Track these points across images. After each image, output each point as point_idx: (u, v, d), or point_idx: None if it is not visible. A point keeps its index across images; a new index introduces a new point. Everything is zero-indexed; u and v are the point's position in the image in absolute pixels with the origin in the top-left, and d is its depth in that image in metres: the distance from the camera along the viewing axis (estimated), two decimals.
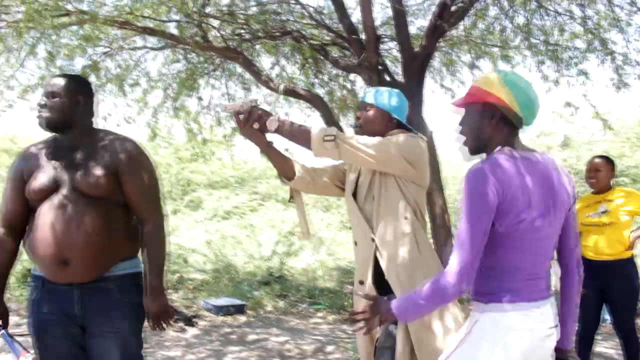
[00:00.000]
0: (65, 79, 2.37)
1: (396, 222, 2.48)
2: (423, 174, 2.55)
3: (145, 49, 6.58)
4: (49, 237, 2.21)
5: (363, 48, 4.65)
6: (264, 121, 2.38)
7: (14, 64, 6.14)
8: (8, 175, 2.40)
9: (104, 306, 2.26)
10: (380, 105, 2.60)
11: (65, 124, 2.32)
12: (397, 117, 2.59)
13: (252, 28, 6.07)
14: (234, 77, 7.25)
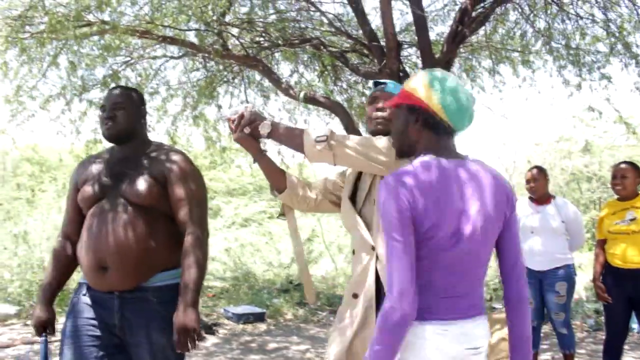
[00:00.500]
0: (128, 90, 2.45)
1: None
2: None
3: (165, 58, 6.61)
4: (90, 243, 2.24)
5: (384, 55, 4.62)
6: (256, 125, 2.22)
7: (36, 75, 6.20)
8: (69, 187, 2.45)
9: (143, 317, 2.23)
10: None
11: (129, 135, 2.38)
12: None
13: (271, 36, 6.08)
14: (253, 84, 7.26)
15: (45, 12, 4.84)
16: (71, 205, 2.39)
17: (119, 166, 2.35)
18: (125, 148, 2.40)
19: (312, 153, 2.16)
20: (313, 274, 8.90)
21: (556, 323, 4.38)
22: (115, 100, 2.35)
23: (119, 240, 2.21)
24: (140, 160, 2.35)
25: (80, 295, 2.31)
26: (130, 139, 2.38)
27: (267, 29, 5.98)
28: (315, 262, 9.29)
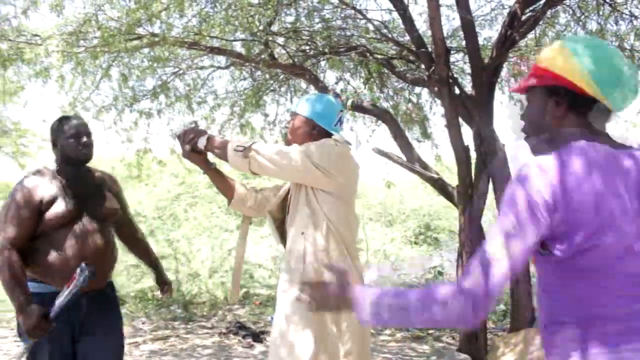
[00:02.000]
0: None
1: (296, 237, 2.49)
2: (339, 182, 2.47)
3: (212, 68, 6.71)
4: (83, 253, 2.59)
5: (432, 61, 4.56)
6: (195, 142, 2.46)
7: (90, 87, 6.38)
8: (18, 203, 2.62)
9: (105, 306, 2.76)
10: (302, 112, 2.61)
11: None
12: (319, 124, 2.57)
13: (317, 44, 6.09)
14: (299, 92, 7.29)
15: (98, 26, 4.98)
16: (28, 224, 2.58)
17: (80, 187, 2.73)
18: (79, 169, 2.78)
19: (232, 161, 2.41)
20: None
21: None
22: (87, 130, 2.76)
23: (106, 251, 2.72)
24: (96, 181, 2.84)
25: (47, 304, 2.53)
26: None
27: (313, 38, 5.99)
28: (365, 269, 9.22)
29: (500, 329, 6.30)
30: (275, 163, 2.39)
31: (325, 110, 2.60)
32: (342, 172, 2.48)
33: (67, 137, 2.69)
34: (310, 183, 2.46)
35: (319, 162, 2.40)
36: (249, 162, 2.38)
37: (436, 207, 13.22)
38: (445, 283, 1.42)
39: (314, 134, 2.57)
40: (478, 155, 4.78)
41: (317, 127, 2.58)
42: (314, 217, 2.45)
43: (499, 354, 4.51)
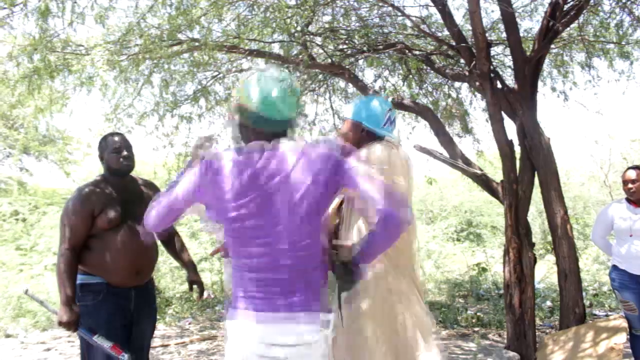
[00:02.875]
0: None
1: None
2: (394, 185, 2.41)
3: (251, 71, 6.75)
4: (131, 255, 3.02)
5: (472, 55, 4.51)
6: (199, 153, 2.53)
7: (132, 93, 6.51)
8: (75, 210, 3.03)
9: (148, 300, 3.20)
10: (350, 116, 2.65)
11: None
12: (367, 126, 2.58)
13: (354, 43, 6.08)
14: (337, 92, 7.30)
15: (140, 34, 5.08)
16: (83, 225, 3.00)
17: (126, 194, 3.11)
18: (123, 179, 3.17)
19: None
20: None
21: None
22: (127, 144, 3.16)
23: (149, 252, 3.13)
24: (138, 189, 3.21)
25: (103, 293, 3.00)
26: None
27: (350, 37, 5.98)
28: None
29: (548, 326, 6.19)
30: None
31: (371, 112, 2.60)
32: (393, 172, 2.44)
33: (110, 151, 3.12)
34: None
35: (372, 165, 2.29)
36: None
37: (477, 203, 13.04)
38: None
39: (363, 136, 2.58)
40: (522, 149, 4.70)
41: (365, 129, 2.58)
42: (368, 225, 2.31)
43: (548, 351, 4.43)
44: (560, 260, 4.59)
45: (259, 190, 1.82)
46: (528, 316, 4.59)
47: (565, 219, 4.57)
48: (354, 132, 2.61)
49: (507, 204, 4.62)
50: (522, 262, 4.58)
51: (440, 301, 7.67)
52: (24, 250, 9.33)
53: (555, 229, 4.58)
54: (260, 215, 1.81)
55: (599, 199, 12.04)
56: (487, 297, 7.68)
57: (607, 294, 7.75)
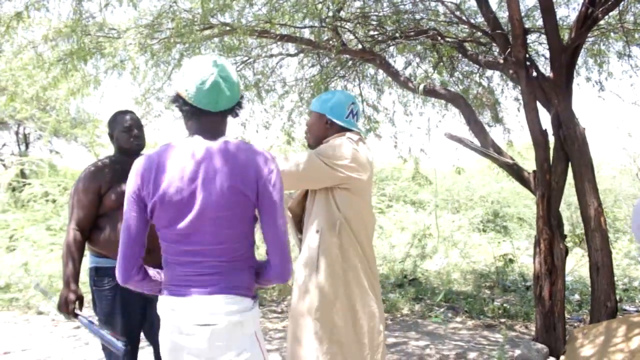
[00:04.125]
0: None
1: (312, 234, 2.56)
2: (354, 179, 2.53)
3: (282, 56, 6.75)
4: None
5: (507, 43, 4.42)
6: None
7: (162, 77, 6.55)
8: (82, 187, 2.98)
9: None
10: (315, 108, 2.73)
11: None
12: (331, 118, 2.66)
13: (385, 29, 6.02)
14: (366, 79, 7.25)
15: (172, 18, 5.09)
16: (90, 203, 2.94)
17: None
18: (133, 159, 3.08)
19: None
20: (427, 269, 8.76)
21: None
22: (138, 123, 3.11)
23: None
24: None
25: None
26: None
27: (381, 23, 5.92)
28: (430, 257, 9.13)
29: (576, 319, 6.11)
30: (292, 176, 2.49)
31: (335, 104, 2.68)
32: (357, 168, 2.55)
33: (120, 130, 3.07)
34: (329, 184, 2.53)
35: (333, 161, 2.49)
36: None
37: (504, 194, 12.87)
38: None
39: (326, 127, 2.68)
40: (556, 139, 4.61)
41: (329, 121, 2.68)
42: (329, 215, 2.53)
43: (578, 345, 4.37)
44: (593, 252, 4.51)
45: (183, 192, 1.80)
46: (558, 309, 4.53)
47: (599, 211, 4.49)
48: (317, 123, 2.70)
49: (540, 195, 4.55)
50: (553, 254, 4.52)
51: (466, 291, 7.62)
52: (53, 230, 9.51)
53: (589, 220, 4.50)
54: (182, 219, 1.82)
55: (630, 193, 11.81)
56: (514, 289, 7.60)
57: (637, 289, 7.62)
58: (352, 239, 2.54)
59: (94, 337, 2.89)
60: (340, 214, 2.53)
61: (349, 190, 2.55)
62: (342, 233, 2.51)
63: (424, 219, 10.29)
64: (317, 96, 2.86)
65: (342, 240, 2.52)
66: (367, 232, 2.64)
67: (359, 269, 2.55)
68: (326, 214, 2.53)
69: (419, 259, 8.86)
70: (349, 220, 2.53)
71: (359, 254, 2.56)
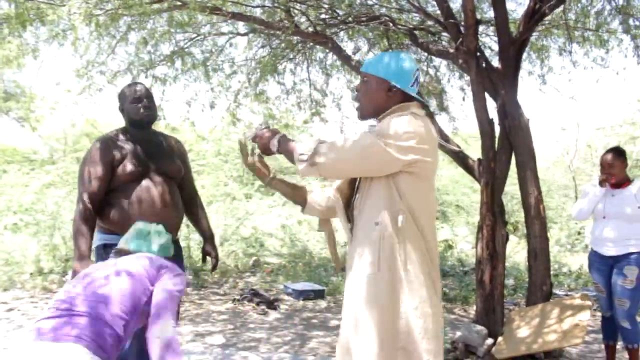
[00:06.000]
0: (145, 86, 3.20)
1: (368, 227, 2.15)
2: (422, 161, 2.13)
3: (231, 35, 6.63)
4: (153, 208, 2.91)
5: (459, 32, 4.51)
6: (268, 144, 2.27)
7: (106, 50, 6.31)
8: (93, 159, 2.93)
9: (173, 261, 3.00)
10: (376, 72, 2.24)
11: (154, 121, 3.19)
12: (397, 85, 2.21)
13: (337, 13, 6.01)
14: (314, 62, 7.23)
15: None
16: (102, 174, 2.89)
17: (148, 147, 3.02)
18: (145, 132, 3.09)
19: (301, 172, 2.15)
20: None
21: (618, 312, 4.06)
22: (148, 94, 3.09)
23: (173, 205, 3.00)
24: (162, 143, 3.13)
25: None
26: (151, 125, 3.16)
27: (333, 6, 5.90)
28: None
29: (511, 303, 6.36)
30: (346, 165, 2.12)
31: (401, 69, 2.23)
32: (426, 150, 2.14)
33: (130, 101, 3.02)
34: (393, 170, 2.12)
35: (398, 142, 2.07)
36: (317, 170, 2.11)
37: (443, 181, 13.23)
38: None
39: (390, 96, 2.22)
40: (502, 129, 4.75)
41: (393, 89, 2.22)
42: (389, 204, 2.13)
43: (515, 326, 4.56)
44: (532, 239, 4.70)
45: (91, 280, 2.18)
46: (497, 292, 4.69)
47: (538, 199, 4.67)
48: (378, 90, 2.23)
49: (484, 182, 4.68)
50: (495, 239, 4.67)
51: None
52: None
53: (529, 208, 4.68)
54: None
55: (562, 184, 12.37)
56: (452, 274, 7.83)
57: (566, 275, 8.02)
58: (415, 232, 2.13)
59: None
60: (403, 203, 2.12)
61: (414, 174, 2.14)
62: (405, 227, 2.10)
63: None
64: (373, 57, 2.37)
65: (405, 235, 2.11)
66: (431, 224, 2.24)
67: (422, 267, 2.15)
68: (386, 203, 2.12)
69: None
70: (412, 211, 2.12)
71: (422, 250, 2.14)
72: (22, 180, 10.49)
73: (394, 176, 2.12)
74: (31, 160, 12.62)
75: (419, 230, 2.14)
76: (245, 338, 5.03)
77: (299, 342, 4.97)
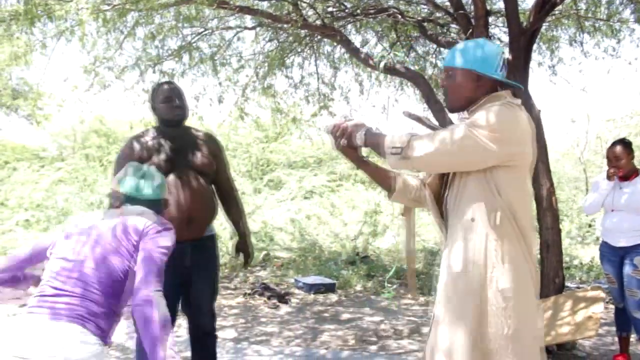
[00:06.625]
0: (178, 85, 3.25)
1: (464, 223, 2.04)
2: (519, 153, 2.03)
3: (239, 29, 6.61)
4: (181, 202, 2.96)
5: (469, 23, 4.47)
6: (352, 137, 2.17)
7: (113, 46, 6.31)
8: (123, 155, 3.06)
9: (205, 259, 3.10)
10: (461, 64, 2.12)
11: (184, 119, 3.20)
12: (483, 73, 2.09)
13: (345, 6, 5.98)
14: (322, 56, 7.20)
15: None
16: None
17: (178, 143, 3.07)
18: (176, 129, 3.13)
19: (391, 164, 2.07)
20: (379, 247, 8.88)
21: (629, 303, 4.03)
22: (180, 93, 3.14)
23: (202, 200, 3.03)
24: (192, 139, 3.15)
25: None
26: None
27: None
28: (382, 235, 9.26)
29: None
30: (441, 158, 2.02)
31: (485, 55, 2.11)
32: (523, 141, 2.03)
33: (160, 100, 3.10)
34: (490, 164, 2.01)
35: (493, 135, 1.96)
36: (410, 163, 2.03)
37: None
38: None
39: (478, 85, 2.11)
40: None
41: (481, 78, 2.11)
42: (486, 200, 2.02)
43: None
44: (544, 231, 4.66)
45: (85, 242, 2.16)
46: None
47: (551, 191, 4.63)
48: (466, 82, 2.12)
49: None
50: None
51: (418, 269, 7.77)
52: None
53: (541, 200, 4.64)
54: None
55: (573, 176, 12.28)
56: None
57: (578, 267, 7.97)
58: (514, 229, 2.00)
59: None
60: (502, 200, 1.99)
61: (512, 167, 2.02)
62: (503, 224, 1.98)
63: (374, 198, 10.40)
64: (453, 50, 2.21)
65: (503, 232, 1.98)
66: (530, 220, 2.11)
67: (522, 269, 2.01)
68: (483, 199, 2.02)
69: (371, 236, 8.96)
70: (511, 208, 2.00)
71: (522, 250, 2.01)
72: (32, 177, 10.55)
73: (491, 170, 2.02)
74: (41, 157, 12.66)
75: (518, 227, 2.01)
76: (257, 332, 5.04)
77: (310, 335, 4.97)
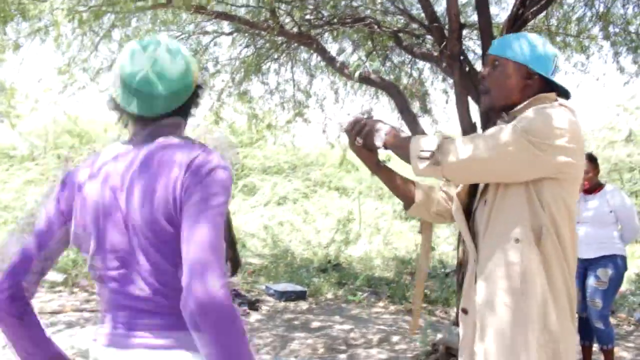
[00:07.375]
0: None
1: (505, 243, 1.75)
2: (573, 164, 1.74)
3: (215, 34, 6.62)
4: None
5: (443, 36, 4.54)
6: (371, 137, 1.87)
7: (89, 47, 6.26)
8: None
9: None
10: (513, 56, 1.85)
11: None
12: (537, 71, 1.84)
13: (322, 14, 6.03)
14: (298, 62, 7.24)
15: None
16: None
17: None
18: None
19: (418, 171, 1.77)
20: (351, 255, 8.92)
21: (591, 312, 4.15)
22: None
23: None
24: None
25: None
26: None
27: (318, 7, 5.92)
28: (354, 243, 9.30)
29: None
30: (483, 162, 1.72)
31: (542, 53, 1.86)
32: (577, 150, 1.76)
33: None
34: (537, 175, 1.74)
35: (549, 141, 1.69)
36: (441, 170, 1.74)
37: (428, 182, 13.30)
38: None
39: (528, 84, 1.85)
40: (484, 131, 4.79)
41: (533, 76, 1.85)
42: (531, 216, 1.74)
43: None
44: None
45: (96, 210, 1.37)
46: None
47: None
48: (515, 76, 1.85)
49: None
50: None
51: (388, 277, 7.83)
52: None
53: None
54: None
55: None
56: (434, 275, 7.88)
57: None
58: (558, 251, 1.75)
59: None
60: (546, 216, 1.73)
61: (560, 180, 1.75)
62: (546, 243, 1.73)
63: (348, 205, 10.45)
64: (504, 39, 1.96)
65: (547, 251, 1.73)
66: (572, 235, 1.82)
67: (564, 295, 1.78)
68: (527, 216, 1.74)
69: (343, 244, 9.00)
70: (555, 223, 1.74)
71: (562, 267, 1.77)
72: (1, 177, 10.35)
73: (535, 182, 1.74)
74: (10, 156, 12.45)
75: (559, 245, 1.76)
76: None
77: (280, 343, 4.97)
